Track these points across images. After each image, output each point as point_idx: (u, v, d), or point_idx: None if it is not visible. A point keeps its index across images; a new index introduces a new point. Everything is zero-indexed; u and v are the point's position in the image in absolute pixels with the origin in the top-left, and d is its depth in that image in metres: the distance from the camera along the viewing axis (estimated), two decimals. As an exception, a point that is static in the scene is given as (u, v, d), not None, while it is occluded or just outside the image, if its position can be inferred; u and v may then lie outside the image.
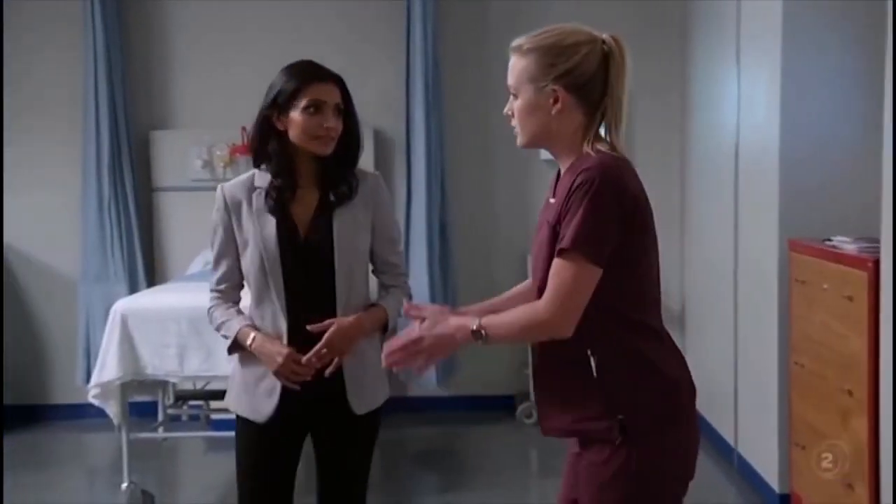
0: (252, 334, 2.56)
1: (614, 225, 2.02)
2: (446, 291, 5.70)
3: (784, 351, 4.01)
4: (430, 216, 5.63)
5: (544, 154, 5.68)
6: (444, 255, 5.72)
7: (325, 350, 2.51)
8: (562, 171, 2.18)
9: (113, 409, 4.09)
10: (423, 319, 2.15)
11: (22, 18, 5.74)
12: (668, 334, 2.19)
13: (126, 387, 4.08)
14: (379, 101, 5.81)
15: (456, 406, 5.87)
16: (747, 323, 4.58)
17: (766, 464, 4.29)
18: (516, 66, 2.14)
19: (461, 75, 5.79)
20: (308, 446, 2.75)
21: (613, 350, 2.08)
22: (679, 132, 5.81)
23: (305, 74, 2.52)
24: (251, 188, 2.57)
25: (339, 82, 2.57)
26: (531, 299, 2.14)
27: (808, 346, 3.70)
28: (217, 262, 2.63)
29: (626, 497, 2.09)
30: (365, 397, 2.63)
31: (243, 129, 5.33)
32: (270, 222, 2.52)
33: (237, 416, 2.67)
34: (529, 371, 5.25)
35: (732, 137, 4.70)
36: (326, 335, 2.50)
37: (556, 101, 2.09)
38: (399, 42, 5.71)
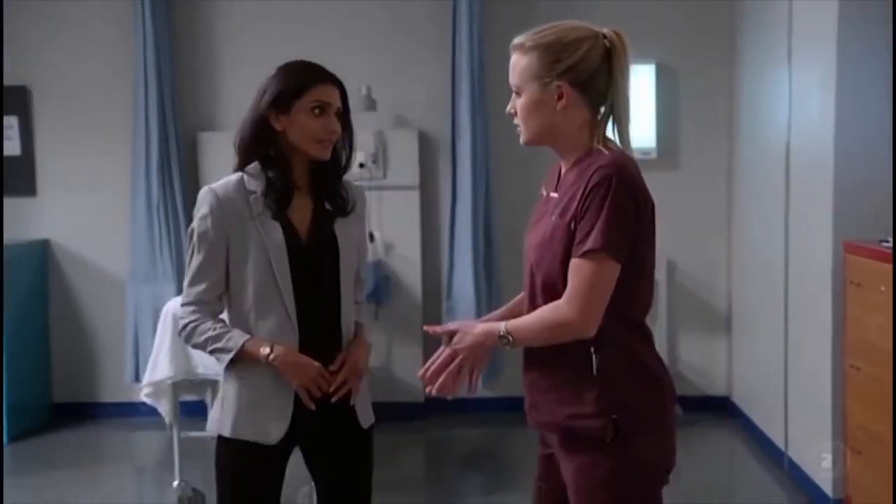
0: (268, 345, 2.37)
1: (631, 223, 2.05)
2: (490, 295, 5.69)
3: (838, 354, 3.96)
4: (476, 219, 5.62)
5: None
6: (489, 258, 5.71)
7: (353, 377, 2.48)
8: (563, 167, 2.20)
9: (165, 408, 4.13)
10: (449, 337, 2.20)
11: (72, 19, 5.82)
12: (651, 333, 2.23)
13: (177, 386, 4.10)
14: (424, 102, 5.83)
15: (501, 407, 5.83)
16: (799, 325, 4.52)
17: (819, 467, 4.23)
18: (519, 64, 2.16)
19: (505, 74, 5.76)
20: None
21: (615, 350, 2.10)
22: (727, 133, 5.76)
23: (311, 74, 2.42)
24: (245, 192, 2.38)
25: (339, 85, 2.47)
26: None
27: (865, 349, 3.64)
28: (202, 272, 2.39)
29: (620, 496, 2.12)
30: (367, 410, 2.59)
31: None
32: (276, 228, 2.39)
33: (227, 441, 2.44)
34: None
35: (783, 138, 4.65)
36: (352, 363, 2.47)
37: (560, 96, 2.11)
38: (445, 42, 5.71)
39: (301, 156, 2.42)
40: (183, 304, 2.43)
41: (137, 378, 5.76)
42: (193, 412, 5.26)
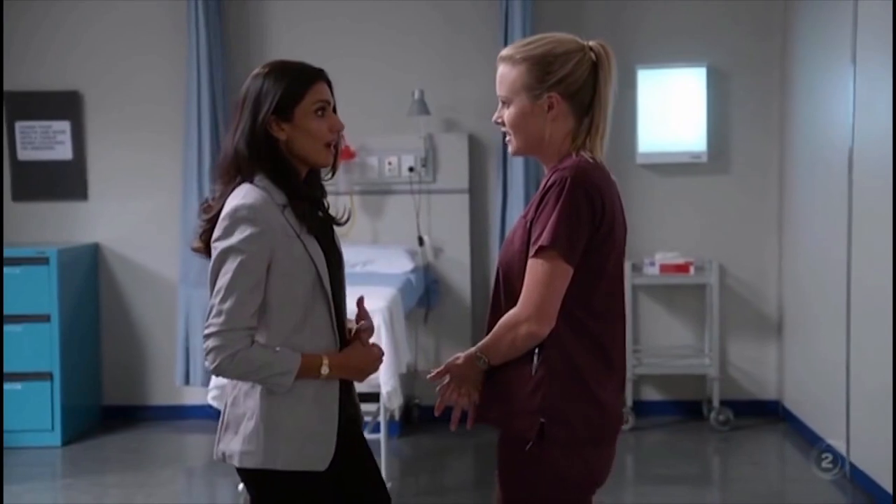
0: (323, 355, 2.26)
1: (585, 226, 2.09)
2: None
3: (910, 358, 3.94)
4: (527, 223, 5.61)
5: (641, 159, 5.72)
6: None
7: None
8: (546, 174, 2.24)
9: (231, 411, 4.11)
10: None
11: (123, 22, 5.85)
12: (620, 353, 2.22)
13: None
14: (474, 104, 5.82)
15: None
16: (863, 330, 4.49)
17: (886, 473, 4.20)
18: (508, 76, 2.19)
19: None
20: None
21: (558, 356, 2.13)
22: (778, 136, 5.74)
23: (306, 74, 2.28)
24: (276, 207, 2.24)
25: (328, 78, 2.33)
26: None
27: (942, 353, 3.62)
28: (248, 295, 2.20)
29: (530, 498, 2.16)
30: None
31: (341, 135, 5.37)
32: (314, 242, 2.28)
33: (276, 475, 2.25)
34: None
35: (846, 141, 4.63)
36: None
37: (550, 107, 2.17)
38: (495, 44, 5.69)
39: (301, 164, 2.31)
40: (223, 331, 2.18)
41: (188, 381, 5.79)
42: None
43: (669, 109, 5.72)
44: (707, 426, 5.64)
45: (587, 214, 2.10)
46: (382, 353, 2.40)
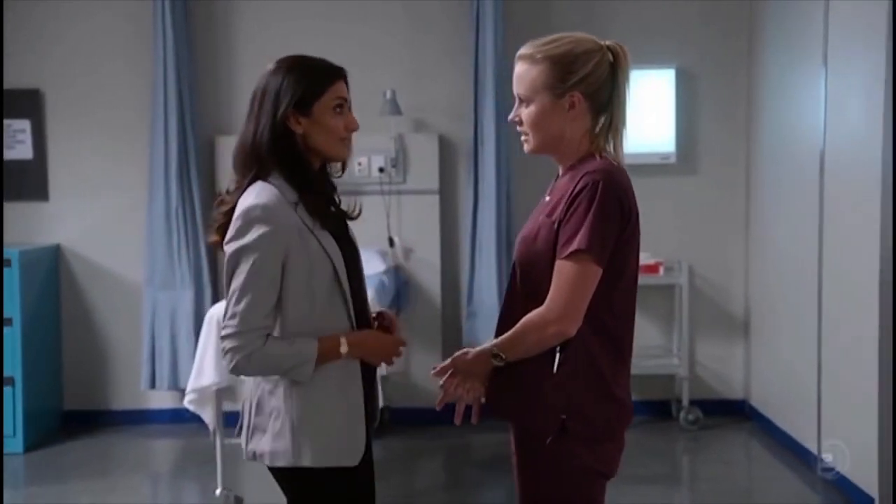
0: (341, 336, 2.25)
1: (615, 228, 2.13)
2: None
3: (887, 357, 3.99)
4: (500, 225, 5.61)
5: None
6: (510, 264, 5.68)
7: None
8: (561, 171, 2.28)
9: (208, 415, 4.06)
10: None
11: (87, 20, 5.72)
12: (630, 348, 2.27)
13: (220, 393, 4.04)
14: (444, 105, 5.81)
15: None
16: (837, 330, 4.54)
17: (862, 471, 4.26)
18: (528, 74, 2.22)
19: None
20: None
21: (578, 355, 2.16)
22: (745, 137, 5.79)
23: (329, 71, 2.30)
24: (288, 204, 2.24)
25: (346, 77, 2.35)
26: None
27: (921, 352, 3.68)
28: (263, 295, 2.20)
29: (550, 493, 2.20)
30: None
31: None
32: (330, 238, 2.28)
33: (308, 472, 2.25)
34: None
35: (817, 143, 4.68)
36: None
37: (572, 106, 2.19)
38: (465, 46, 5.69)
39: (316, 158, 2.32)
40: (237, 332, 2.18)
41: (153, 385, 5.69)
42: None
43: (639, 110, 5.72)
44: (676, 426, 5.67)
45: (616, 217, 2.14)
46: (403, 343, 2.39)
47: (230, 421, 4.94)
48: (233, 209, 2.27)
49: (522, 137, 2.28)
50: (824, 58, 4.60)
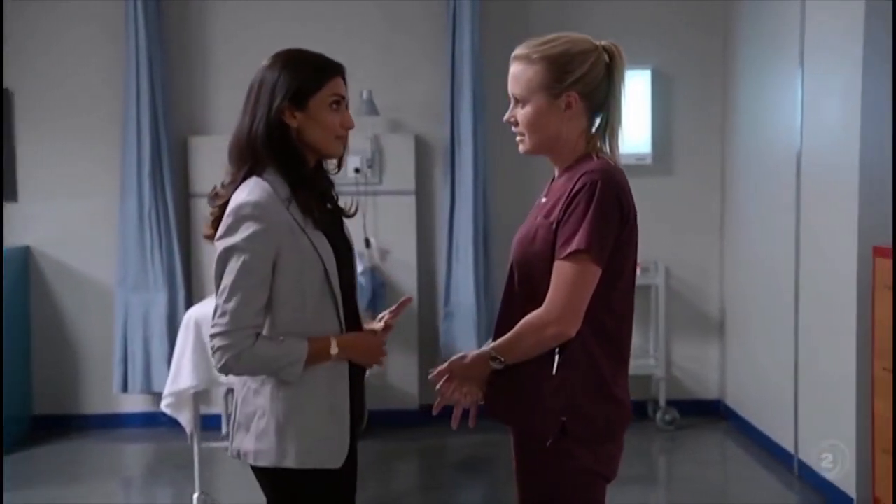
0: (332, 338, 2.22)
1: (614, 228, 2.12)
2: (489, 303, 5.66)
3: (865, 357, 4.01)
4: (476, 226, 5.59)
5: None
6: (488, 265, 5.68)
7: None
8: (557, 173, 2.27)
9: (185, 419, 4.00)
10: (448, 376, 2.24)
11: (57, 19, 5.63)
12: (629, 352, 2.28)
13: (198, 396, 3.99)
14: (420, 106, 5.78)
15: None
16: (814, 330, 4.56)
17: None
18: (524, 75, 2.21)
19: (503, 79, 5.74)
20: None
21: (579, 355, 2.15)
22: (720, 138, 5.81)
23: (327, 66, 2.27)
24: (280, 200, 2.21)
25: (345, 76, 2.34)
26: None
27: (900, 351, 3.69)
28: (254, 292, 2.16)
29: (551, 495, 2.19)
30: None
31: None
32: (322, 237, 2.24)
33: (290, 473, 2.22)
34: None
35: (794, 144, 4.70)
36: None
37: (568, 106, 2.18)
38: (441, 46, 5.66)
39: (311, 153, 2.29)
40: (227, 331, 2.15)
41: (126, 388, 5.61)
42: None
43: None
44: (653, 426, 5.68)
45: (616, 217, 2.13)
46: (384, 347, 2.38)
47: (206, 424, 4.94)
48: (227, 203, 2.24)
49: (518, 138, 2.26)
50: (801, 58, 4.62)
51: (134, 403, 5.77)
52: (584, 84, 2.18)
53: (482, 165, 5.59)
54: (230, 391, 4.60)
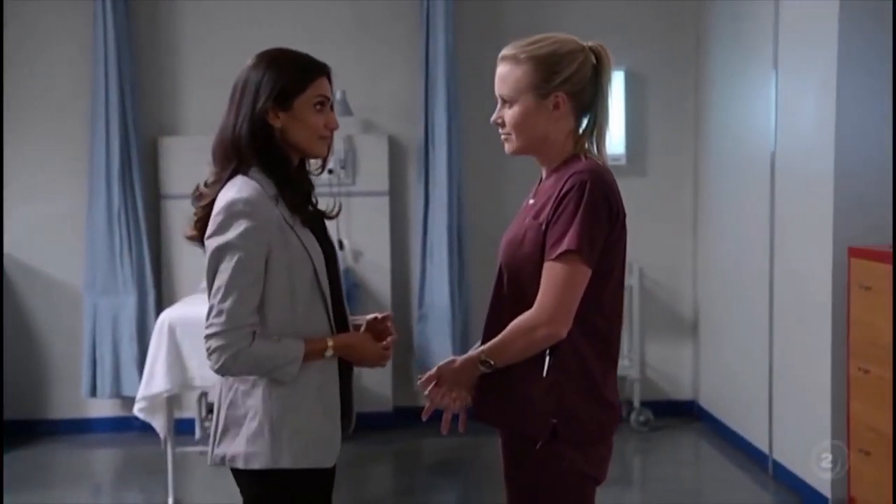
0: (328, 341, 2.21)
1: (604, 228, 2.11)
2: (464, 305, 5.64)
3: (840, 357, 4.02)
4: (451, 227, 5.56)
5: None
6: (462, 267, 5.66)
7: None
8: (544, 174, 2.27)
9: (159, 423, 3.94)
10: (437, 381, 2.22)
11: (29, 20, 5.53)
12: (618, 354, 2.28)
13: (172, 400, 3.93)
14: (393, 106, 5.74)
15: (471, 414, 5.79)
16: (788, 330, 4.58)
17: (817, 469, 4.29)
18: (512, 75, 2.20)
19: (476, 80, 5.73)
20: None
21: (570, 357, 2.14)
22: (693, 138, 5.83)
23: (312, 67, 2.26)
24: (268, 199, 2.19)
25: (330, 76, 2.32)
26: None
27: (877, 352, 3.70)
28: (248, 291, 2.14)
29: (541, 498, 2.18)
30: None
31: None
32: (311, 235, 2.25)
33: (282, 474, 2.21)
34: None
35: (767, 142, 4.71)
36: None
37: (556, 107, 2.17)
38: (413, 46, 5.63)
39: (295, 153, 2.27)
40: (224, 331, 2.11)
41: (94, 393, 5.53)
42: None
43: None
44: (627, 427, 5.67)
45: (605, 217, 2.12)
46: (388, 352, 2.35)
47: (179, 429, 4.87)
48: (212, 203, 2.21)
49: (504, 138, 2.25)
50: (774, 59, 4.63)
51: (103, 408, 5.69)
52: (572, 84, 2.17)
53: (457, 166, 5.56)
54: (204, 395, 4.55)
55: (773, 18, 4.62)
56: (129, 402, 5.59)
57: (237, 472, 2.26)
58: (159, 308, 5.52)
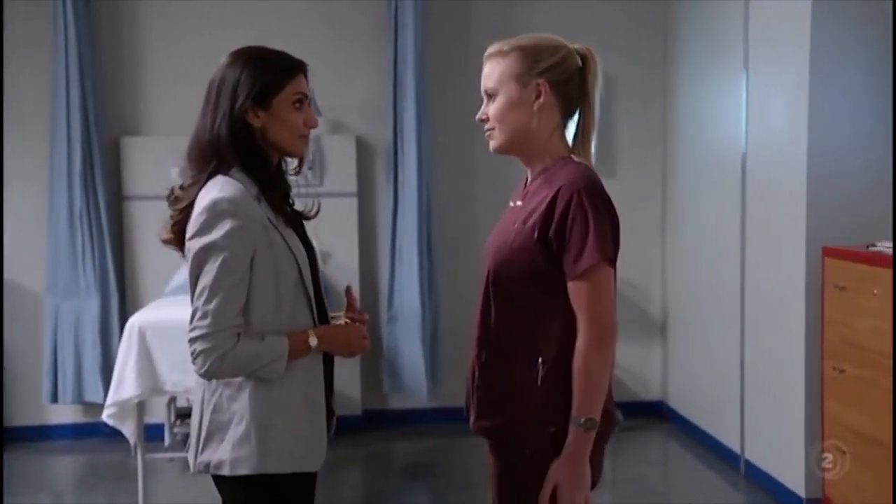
0: (310, 331, 2.16)
1: (612, 225, 2.11)
2: (432, 306, 5.60)
3: (814, 357, 4.04)
4: (421, 227, 5.51)
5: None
6: (431, 268, 5.61)
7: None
8: (530, 176, 2.24)
9: (129, 429, 3.85)
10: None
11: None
12: (614, 358, 2.23)
13: (141, 406, 3.83)
14: (360, 107, 5.68)
15: (441, 418, 5.76)
16: (760, 330, 4.59)
17: (788, 470, 4.31)
18: (497, 68, 2.18)
19: (445, 81, 5.70)
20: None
21: (562, 365, 2.11)
22: (662, 137, 5.83)
23: (289, 64, 2.21)
24: (252, 198, 2.14)
25: (307, 73, 2.28)
26: None
27: (852, 351, 3.72)
28: (234, 292, 2.09)
29: None
30: None
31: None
32: (294, 235, 2.21)
33: (268, 479, 2.16)
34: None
35: (738, 143, 4.72)
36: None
37: (538, 95, 2.15)
38: (381, 46, 5.58)
39: (275, 153, 2.23)
40: (209, 333, 2.06)
41: (55, 399, 5.40)
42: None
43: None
44: (596, 428, 5.66)
45: (608, 216, 2.11)
46: (367, 338, 2.32)
47: (147, 435, 4.77)
48: (190, 205, 2.15)
49: (487, 135, 2.22)
50: (745, 60, 4.65)
51: (64, 414, 5.56)
52: (554, 73, 2.15)
53: (426, 167, 5.52)
54: (173, 400, 4.46)
55: (744, 18, 4.63)
56: (92, 407, 5.51)
57: (221, 479, 2.20)
58: (123, 311, 5.43)
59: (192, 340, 2.10)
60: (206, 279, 2.08)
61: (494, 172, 5.79)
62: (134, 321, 3.83)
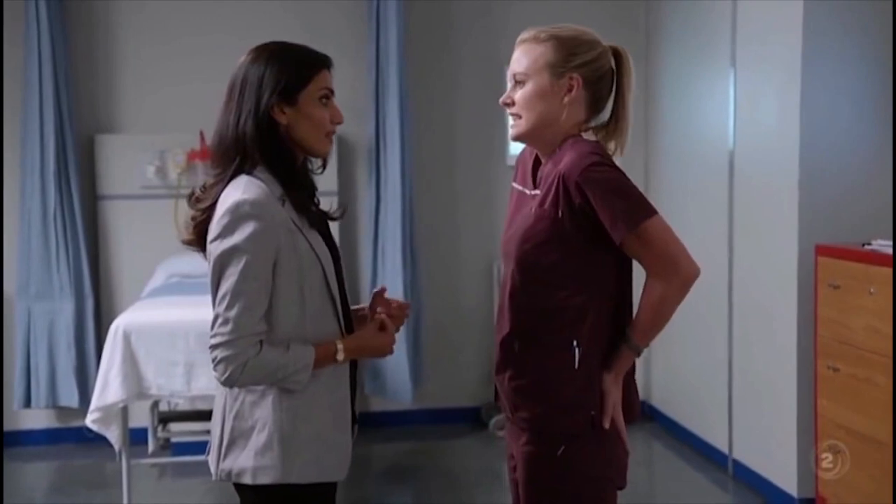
0: (338, 344, 2.09)
1: (631, 183, 2.09)
2: (415, 305, 5.53)
3: (807, 356, 4.02)
4: (404, 226, 5.44)
5: (512, 160, 5.64)
6: (414, 266, 5.55)
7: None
8: (543, 161, 2.23)
9: (114, 434, 3.74)
10: None
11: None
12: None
13: (126, 410, 3.73)
14: (341, 105, 5.56)
15: (423, 419, 5.70)
16: (749, 329, 4.58)
17: (779, 469, 4.29)
18: (531, 53, 2.15)
19: (427, 79, 5.63)
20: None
21: (596, 346, 2.12)
22: (643, 134, 5.80)
23: (315, 59, 2.16)
24: (276, 200, 2.06)
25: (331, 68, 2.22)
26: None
27: (846, 350, 3.70)
28: (257, 298, 2.02)
29: (578, 495, 2.15)
30: None
31: (202, 133, 5.03)
32: (319, 238, 2.14)
33: (290, 489, 2.10)
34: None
35: (725, 141, 4.70)
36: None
37: (570, 89, 2.13)
38: (360, 46, 5.51)
39: (300, 151, 2.16)
40: (231, 340, 1.99)
41: (28, 404, 5.26)
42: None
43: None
44: (579, 429, 5.63)
45: (623, 176, 2.11)
46: (394, 340, 2.26)
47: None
48: (212, 206, 2.08)
49: (512, 121, 2.19)
50: (732, 57, 4.62)
51: (36, 419, 5.42)
52: (590, 70, 2.14)
53: (409, 166, 5.45)
54: (156, 404, 4.35)
55: (731, 14, 4.60)
56: (66, 412, 5.38)
57: (243, 488, 2.13)
58: (98, 314, 5.31)
59: (214, 347, 2.02)
60: (227, 284, 2.01)
61: (477, 172, 5.75)
62: (118, 323, 3.72)
